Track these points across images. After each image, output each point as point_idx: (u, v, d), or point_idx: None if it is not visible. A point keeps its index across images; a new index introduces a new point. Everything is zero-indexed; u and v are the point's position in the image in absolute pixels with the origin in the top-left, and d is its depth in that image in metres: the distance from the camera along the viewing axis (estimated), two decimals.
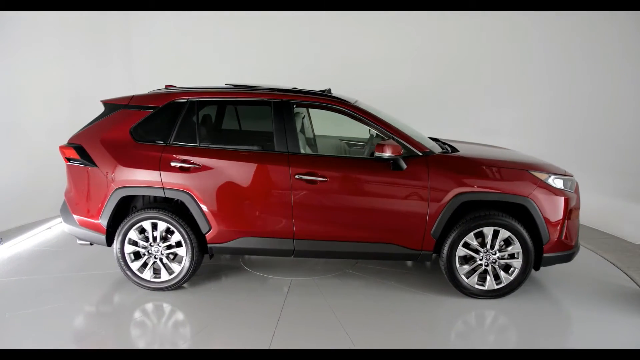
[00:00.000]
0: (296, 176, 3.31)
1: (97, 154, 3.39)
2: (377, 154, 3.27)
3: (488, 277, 3.43)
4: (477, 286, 3.45)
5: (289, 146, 3.38)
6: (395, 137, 3.40)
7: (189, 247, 3.43)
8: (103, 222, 3.43)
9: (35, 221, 5.49)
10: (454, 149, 3.74)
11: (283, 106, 3.46)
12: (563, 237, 3.40)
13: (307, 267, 4.07)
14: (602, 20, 5.85)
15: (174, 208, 3.49)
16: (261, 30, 7.89)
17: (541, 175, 3.42)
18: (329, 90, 3.80)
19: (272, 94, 3.52)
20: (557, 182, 3.43)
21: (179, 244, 3.46)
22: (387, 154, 3.24)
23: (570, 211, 3.43)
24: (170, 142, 3.42)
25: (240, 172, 3.36)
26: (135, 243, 3.47)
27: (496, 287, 3.43)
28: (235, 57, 7.90)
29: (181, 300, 3.39)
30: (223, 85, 3.83)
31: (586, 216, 5.73)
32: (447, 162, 3.42)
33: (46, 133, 5.79)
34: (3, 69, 5.27)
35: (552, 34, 6.60)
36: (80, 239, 3.60)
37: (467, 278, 3.44)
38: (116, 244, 3.45)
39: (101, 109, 3.67)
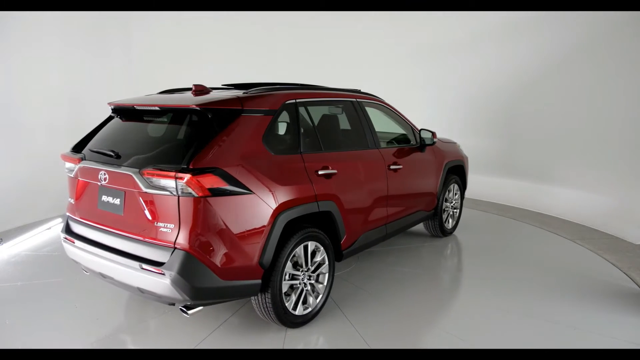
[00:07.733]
0: (391, 167, 3.79)
1: (246, 176, 2.59)
2: (435, 139, 4.35)
3: (450, 219, 5.07)
4: (448, 227, 5.04)
5: (375, 142, 3.77)
6: (419, 129, 4.35)
7: (330, 259, 3.16)
8: (265, 261, 2.65)
9: (35, 221, 5.44)
10: None
11: (360, 106, 3.82)
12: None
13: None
14: (593, 19, 5.86)
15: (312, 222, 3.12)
16: (261, 29, 7.90)
17: (457, 145, 5.20)
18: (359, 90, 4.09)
19: (354, 94, 3.84)
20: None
21: (321, 262, 3.12)
22: (435, 139, 4.35)
23: None
24: (302, 150, 3.05)
25: (360, 172, 3.50)
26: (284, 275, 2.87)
27: (453, 224, 5.16)
28: (235, 57, 7.91)
29: None
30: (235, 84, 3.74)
31: (586, 216, 5.74)
32: (438, 142, 4.63)
33: (46, 133, 5.79)
34: (3, 69, 5.27)
35: (541, 33, 6.61)
36: (208, 301, 2.64)
37: (445, 224, 4.96)
38: (275, 285, 2.74)
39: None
